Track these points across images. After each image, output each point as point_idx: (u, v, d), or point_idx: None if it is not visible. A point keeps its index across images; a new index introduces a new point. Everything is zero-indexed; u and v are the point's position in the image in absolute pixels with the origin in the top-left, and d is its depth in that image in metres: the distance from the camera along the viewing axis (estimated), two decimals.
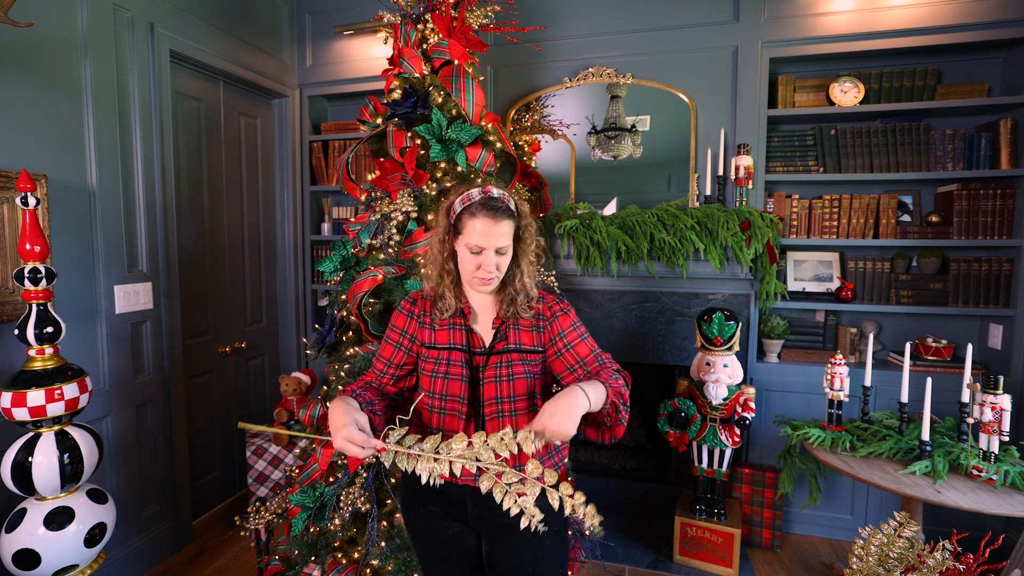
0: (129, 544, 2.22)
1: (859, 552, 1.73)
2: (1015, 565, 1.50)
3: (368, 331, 1.75)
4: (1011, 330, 2.34)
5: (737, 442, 2.25)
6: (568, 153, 2.86)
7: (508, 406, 1.22)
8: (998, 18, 2.28)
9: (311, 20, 3.11)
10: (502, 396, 1.21)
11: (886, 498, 2.46)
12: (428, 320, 1.27)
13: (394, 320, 1.31)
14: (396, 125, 1.88)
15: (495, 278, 1.21)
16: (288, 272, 3.20)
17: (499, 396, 1.21)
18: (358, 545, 1.70)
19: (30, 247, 1.55)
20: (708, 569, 2.33)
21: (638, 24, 2.71)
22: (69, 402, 1.60)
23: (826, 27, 2.46)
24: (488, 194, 1.18)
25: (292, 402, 2.25)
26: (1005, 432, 1.81)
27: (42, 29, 1.85)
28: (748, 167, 2.51)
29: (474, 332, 1.25)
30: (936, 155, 2.44)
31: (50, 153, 1.90)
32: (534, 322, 1.25)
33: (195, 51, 2.45)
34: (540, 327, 1.25)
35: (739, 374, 2.31)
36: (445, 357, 1.23)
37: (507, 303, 1.24)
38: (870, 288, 2.57)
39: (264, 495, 2.22)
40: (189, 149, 2.58)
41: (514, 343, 1.23)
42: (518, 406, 1.22)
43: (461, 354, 1.23)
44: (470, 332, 1.25)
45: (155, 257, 2.30)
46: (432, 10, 1.90)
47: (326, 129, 3.19)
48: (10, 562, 1.55)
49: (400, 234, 1.79)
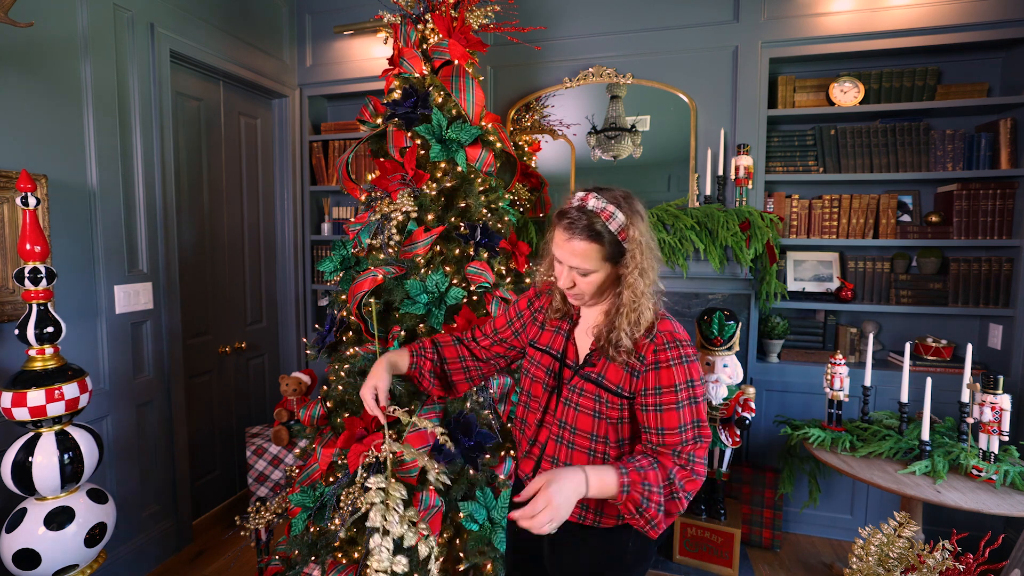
0: (129, 544, 2.22)
1: (859, 552, 1.73)
2: (1015, 565, 1.51)
3: (368, 331, 1.75)
4: (1011, 330, 2.34)
5: (737, 442, 2.25)
6: (568, 153, 2.86)
7: (568, 435, 1.13)
8: (998, 18, 2.28)
9: (311, 20, 3.11)
10: (566, 422, 1.13)
11: (886, 498, 2.46)
12: (541, 317, 1.26)
13: (519, 298, 1.34)
14: (396, 125, 1.88)
15: (580, 294, 1.12)
16: (288, 272, 3.20)
17: (563, 420, 1.14)
18: (358, 545, 1.70)
19: (30, 247, 1.55)
20: (708, 569, 2.33)
21: (638, 24, 2.71)
22: (69, 402, 1.60)
23: (826, 27, 2.46)
24: (572, 205, 1.05)
25: (292, 402, 2.25)
26: (1005, 432, 1.81)
27: (42, 29, 1.85)
28: (748, 167, 2.51)
29: (574, 343, 1.18)
30: (936, 155, 2.44)
31: (50, 153, 1.90)
32: (632, 360, 1.07)
33: (195, 51, 2.45)
34: (636, 370, 1.07)
35: (739, 374, 2.31)
36: (539, 359, 1.21)
37: (607, 328, 1.09)
38: (870, 288, 2.57)
39: (264, 495, 2.22)
40: (189, 149, 2.58)
41: (598, 373, 1.11)
42: (577, 440, 1.12)
43: (553, 361, 1.19)
44: (569, 341, 1.18)
45: (155, 257, 2.30)
46: (432, 10, 1.90)
47: (326, 129, 3.19)
48: (10, 562, 1.55)
49: (400, 234, 1.79)
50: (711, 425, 2.28)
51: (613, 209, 1.04)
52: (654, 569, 2.34)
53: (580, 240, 1.04)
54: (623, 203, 1.06)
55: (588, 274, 1.08)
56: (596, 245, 1.04)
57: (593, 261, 1.06)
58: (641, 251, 1.06)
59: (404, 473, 1.57)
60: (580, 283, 1.09)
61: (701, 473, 1.03)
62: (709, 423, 2.27)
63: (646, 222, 1.08)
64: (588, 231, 1.03)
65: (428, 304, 1.72)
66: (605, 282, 1.10)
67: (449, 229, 1.82)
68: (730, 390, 2.28)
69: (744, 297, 2.52)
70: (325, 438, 1.75)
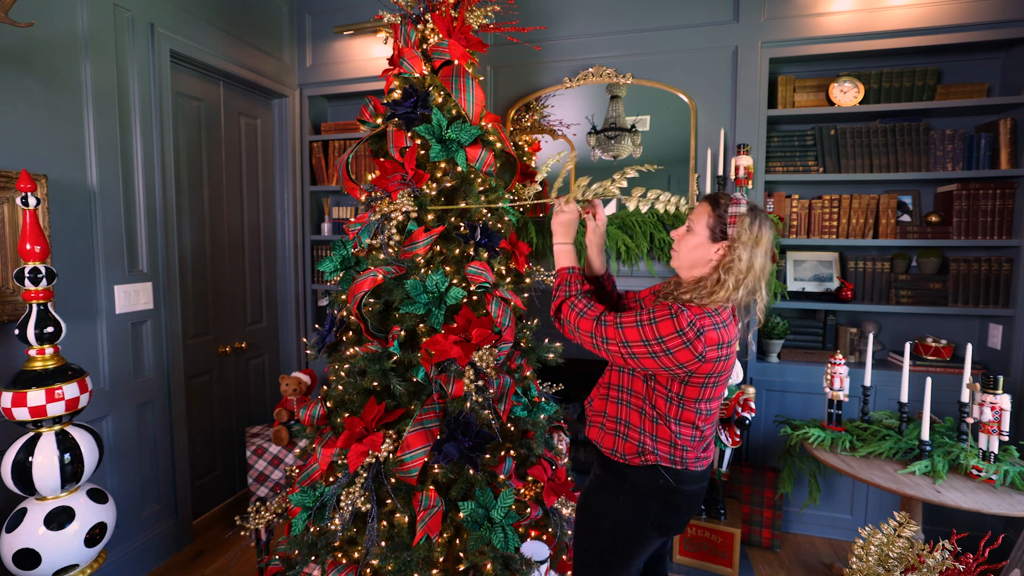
0: (129, 544, 2.22)
1: (859, 552, 1.73)
2: (1014, 565, 1.51)
3: (368, 331, 1.75)
4: (1011, 330, 2.34)
5: (737, 442, 2.26)
6: (568, 153, 2.86)
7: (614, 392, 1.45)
8: (998, 18, 2.28)
9: (311, 20, 3.11)
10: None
11: (886, 498, 2.46)
12: None
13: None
14: (396, 125, 1.88)
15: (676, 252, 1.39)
16: (288, 272, 3.20)
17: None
18: (358, 545, 1.70)
19: (30, 247, 1.55)
20: (708, 569, 2.33)
21: (638, 24, 2.71)
22: (69, 402, 1.60)
23: (826, 27, 2.46)
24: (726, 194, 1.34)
25: (292, 402, 2.25)
26: (1004, 432, 1.81)
27: (42, 29, 1.85)
28: (748, 167, 2.51)
29: None
30: (936, 155, 2.44)
31: (50, 153, 1.90)
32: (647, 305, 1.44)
33: (195, 51, 2.45)
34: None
35: (739, 374, 2.31)
36: None
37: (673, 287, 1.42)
38: (870, 288, 2.57)
39: (264, 495, 2.22)
40: (189, 149, 2.58)
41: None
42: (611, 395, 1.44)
43: None
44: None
45: (155, 257, 2.30)
46: (432, 10, 1.90)
47: (326, 129, 3.19)
48: (10, 562, 1.55)
49: (400, 234, 1.79)
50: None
51: (744, 203, 1.25)
52: None
53: (703, 203, 1.30)
54: (758, 211, 1.26)
55: (691, 230, 1.30)
56: (709, 207, 1.28)
57: (699, 221, 1.29)
58: (739, 252, 1.23)
59: (404, 473, 1.57)
60: (681, 241, 1.32)
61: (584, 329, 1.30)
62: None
63: (761, 247, 1.24)
64: (712, 199, 1.29)
65: (428, 304, 1.72)
66: (698, 253, 1.29)
67: (449, 229, 1.82)
68: (730, 390, 2.28)
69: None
70: (325, 438, 1.75)
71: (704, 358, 1.20)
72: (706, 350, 1.20)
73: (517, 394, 1.89)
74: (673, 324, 1.20)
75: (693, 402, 1.28)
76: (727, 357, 1.26)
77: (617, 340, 1.25)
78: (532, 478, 1.88)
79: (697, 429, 1.31)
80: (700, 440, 1.33)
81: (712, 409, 1.33)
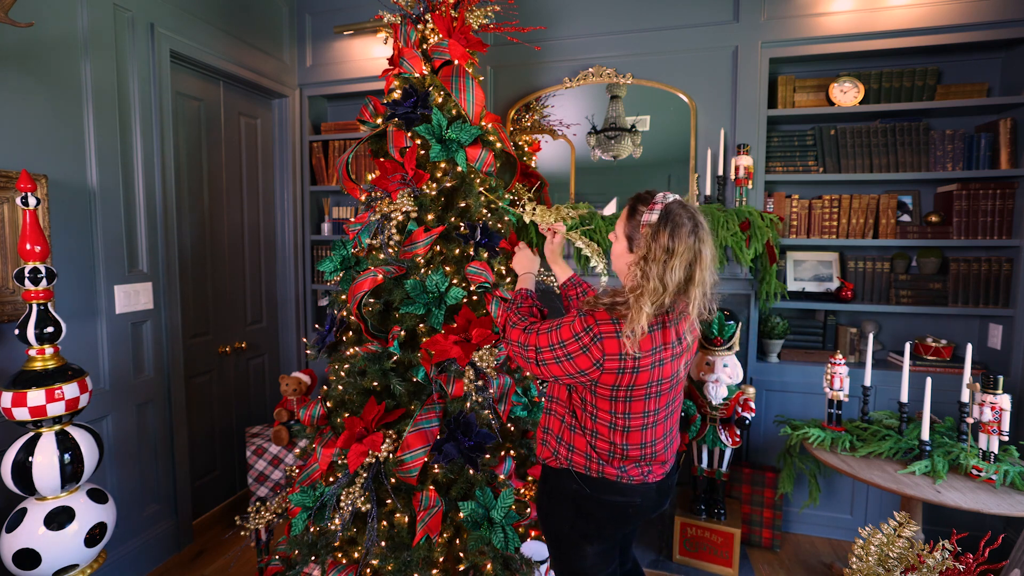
0: (129, 544, 2.22)
1: (859, 552, 1.73)
2: (1014, 565, 1.51)
3: (368, 331, 1.75)
4: (1011, 330, 2.34)
5: (737, 442, 2.26)
6: (568, 153, 2.86)
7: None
8: (998, 18, 2.28)
9: (311, 20, 3.11)
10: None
11: (886, 498, 2.46)
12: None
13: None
14: (396, 125, 1.88)
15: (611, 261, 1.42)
16: (288, 272, 3.20)
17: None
18: (358, 545, 1.70)
19: (30, 247, 1.55)
20: (708, 569, 2.33)
21: (638, 24, 2.71)
22: (69, 402, 1.60)
23: (826, 27, 2.46)
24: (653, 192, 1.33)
25: (292, 402, 2.25)
26: (1004, 432, 1.81)
27: (42, 29, 1.85)
28: (748, 167, 2.51)
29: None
30: (936, 155, 2.44)
31: (50, 153, 1.90)
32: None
33: (195, 51, 2.45)
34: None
35: (739, 374, 2.31)
36: None
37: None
38: (870, 288, 2.57)
39: (264, 495, 2.22)
40: (189, 149, 2.58)
41: None
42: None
43: None
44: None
45: (155, 257, 2.30)
46: (432, 10, 1.90)
47: (326, 129, 3.19)
48: (10, 562, 1.55)
49: (400, 234, 1.79)
50: (711, 425, 2.28)
51: (658, 208, 1.16)
52: (654, 569, 2.34)
53: (627, 204, 1.26)
54: (674, 215, 1.14)
55: (617, 236, 1.28)
56: (626, 212, 1.24)
57: (620, 226, 1.27)
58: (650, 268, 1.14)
59: (404, 473, 1.57)
60: (613, 247, 1.31)
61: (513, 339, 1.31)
62: (709, 423, 2.28)
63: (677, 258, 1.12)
64: (633, 200, 1.23)
65: (428, 304, 1.72)
66: (620, 262, 1.28)
67: (449, 229, 1.82)
68: (730, 390, 2.28)
69: (744, 297, 2.52)
70: (325, 438, 1.75)
71: (602, 366, 1.15)
72: (604, 358, 1.14)
73: (517, 394, 1.89)
74: (570, 329, 1.18)
75: (608, 414, 1.22)
76: (635, 370, 1.16)
77: (533, 345, 1.24)
78: (532, 478, 1.88)
79: (614, 445, 1.23)
80: (620, 458, 1.24)
81: (632, 427, 1.22)
